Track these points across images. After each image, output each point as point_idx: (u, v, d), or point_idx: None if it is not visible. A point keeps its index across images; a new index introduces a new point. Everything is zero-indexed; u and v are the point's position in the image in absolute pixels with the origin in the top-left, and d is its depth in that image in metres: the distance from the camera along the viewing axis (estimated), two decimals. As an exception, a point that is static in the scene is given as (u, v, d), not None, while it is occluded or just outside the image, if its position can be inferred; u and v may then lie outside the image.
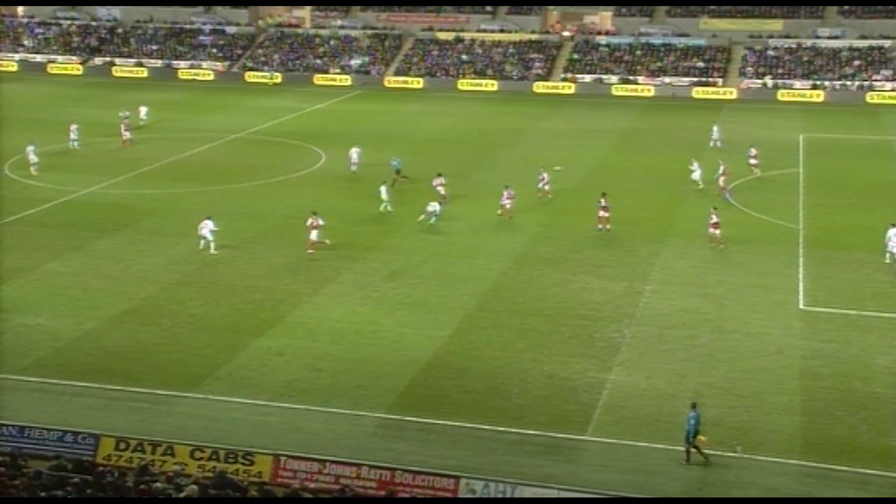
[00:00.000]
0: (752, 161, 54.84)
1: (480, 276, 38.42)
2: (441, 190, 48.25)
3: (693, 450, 24.66)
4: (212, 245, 40.55)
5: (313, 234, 40.79)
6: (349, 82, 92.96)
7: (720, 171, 50.30)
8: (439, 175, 49.21)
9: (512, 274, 38.78)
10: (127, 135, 62.34)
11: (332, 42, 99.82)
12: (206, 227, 40.66)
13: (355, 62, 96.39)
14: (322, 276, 38.24)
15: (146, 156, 59.52)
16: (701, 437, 24.63)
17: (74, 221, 45.28)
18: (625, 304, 35.45)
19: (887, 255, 39.11)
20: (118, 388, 28.59)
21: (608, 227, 43.79)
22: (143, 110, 71.05)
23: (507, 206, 46.26)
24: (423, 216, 44.92)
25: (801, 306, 35.21)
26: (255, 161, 59.31)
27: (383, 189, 47.22)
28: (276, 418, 27.16)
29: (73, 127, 61.42)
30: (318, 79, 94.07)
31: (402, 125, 70.20)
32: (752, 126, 70.52)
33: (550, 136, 68.26)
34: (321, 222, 40.99)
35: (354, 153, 55.87)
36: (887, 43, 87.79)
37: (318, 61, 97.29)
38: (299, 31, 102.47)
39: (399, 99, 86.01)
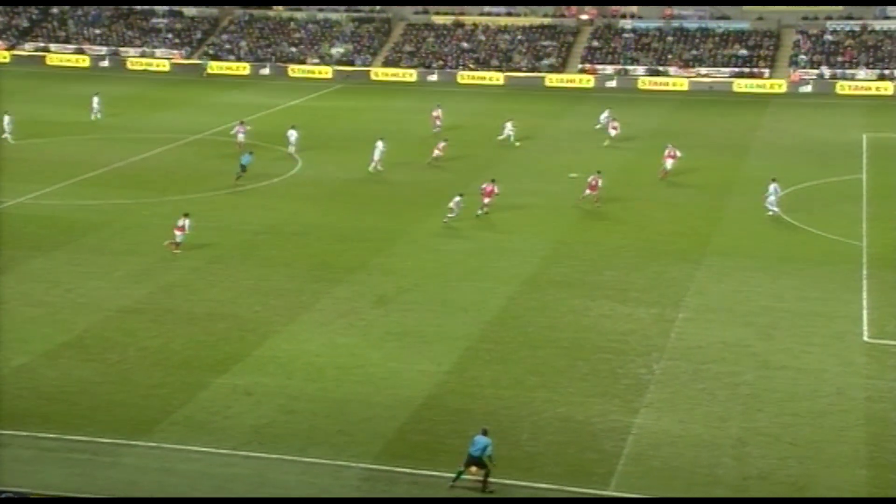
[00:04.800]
0: (668, 158, 56.23)
1: (484, 301, 38.56)
2: (492, 193, 49.05)
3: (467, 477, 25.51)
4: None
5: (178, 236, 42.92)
6: (330, 74, 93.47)
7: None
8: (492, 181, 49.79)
9: (521, 299, 38.91)
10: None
11: (309, 27, 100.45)
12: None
13: (337, 51, 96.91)
14: (298, 302, 38.36)
15: (88, 160, 59.75)
16: (472, 469, 25.51)
17: (1, 238, 45.40)
18: (653, 334, 35.57)
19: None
20: (53, 436, 28.54)
21: (597, 204, 48.73)
22: (95, 101, 71.41)
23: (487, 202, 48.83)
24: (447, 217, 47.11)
25: (866, 338, 35.32)
26: (218, 167, 59.46)
27: (457, 199, 47.71)
28: (244, 470, 27.15)
29: (7, 119, 61.76)
30: (294, 70, 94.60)
31: (391, 125, 70.53)
32: (805, 125, 71.04)
33: (566, 137, 68.65)
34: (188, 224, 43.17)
35: (378, 148, 57.54)
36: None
37: (294, 49, 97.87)
38: (270, 13, 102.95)
39: (388, 94, 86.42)
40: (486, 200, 48.74)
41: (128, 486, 25.87)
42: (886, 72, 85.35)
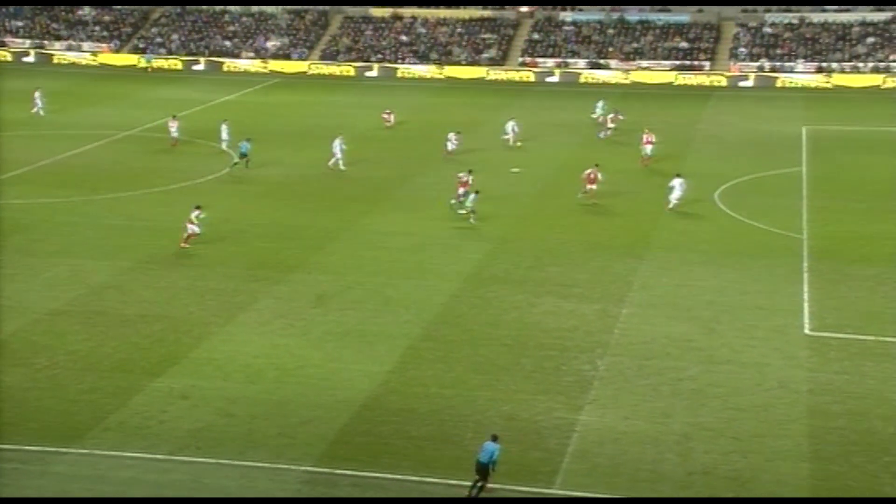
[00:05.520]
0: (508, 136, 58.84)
1: (426, 299, 38.58)
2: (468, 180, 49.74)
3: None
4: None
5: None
6: (266, 69, 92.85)
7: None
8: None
9: (463, 296, 39.00)
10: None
11: (243, 20, 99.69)
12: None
13: (272, 44, 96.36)
14: (235, 303, 38.08)
15: (12, 157, 58.73)
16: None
17: (-74, 239, 44.50)
18: (597, 330, 35.85)
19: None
20: (-20, 444, 28.12)
21: (594, 201, 49.05)
22: (37, 96, 70.34)
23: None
24: (466, 208, 47.19)
25: (807, 331, 35.90)
26: (151, 164, 58.87)
27: (472, 197, 47.56)
28: (180, 475, 26.88)
29: None
30: (228, 65, 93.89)
31: (329, 120, 70.30)
32: (745, 118, 72.01)
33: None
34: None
35: (337, 145, 57.05)
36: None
37: (228, 43, 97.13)
38: (203, 6, 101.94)
39: (326, 88, 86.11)
40: (461, 191, 48.93)
41: (57, 496, 25.47)
42: (825, 64, 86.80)
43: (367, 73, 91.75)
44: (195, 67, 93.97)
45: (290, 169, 57.81)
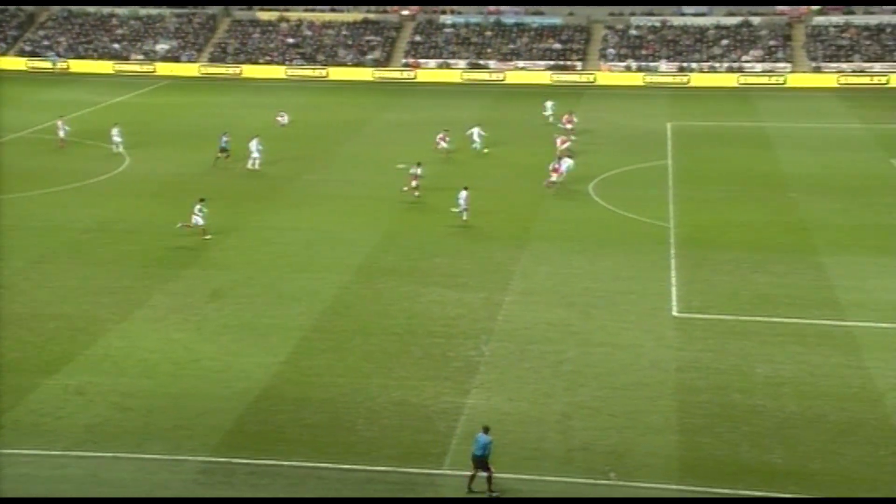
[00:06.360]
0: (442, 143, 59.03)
1: (317, 292, 38.35)
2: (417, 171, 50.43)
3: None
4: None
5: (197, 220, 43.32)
6: (155, 71, 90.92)
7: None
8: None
9: (354, 288, 38.88)
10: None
11: (132, 23, 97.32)
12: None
13: (161, 47, 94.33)
14: (130, 300, 37.23)
15: None
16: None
17: None
18: (482, 317, 36.14)
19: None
20: None
21: (416, 193, 49.38)
22: None
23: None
24: (457, 209, 46.57)
25: (675, 313, 36.80)
26: (40, 165, 57.11)
27: (464, 194, 46.59)
28: (77, 470, 26.24)
29: None
30: (117, 67, 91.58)
31: (220, 120, 69.09)
32: (614, 114, 73.24)
33: (392, 129, 68.87)
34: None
35: (253, 146, 56.14)
36: (756, 20, 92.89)
37: (117, 46, 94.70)
38: (90, 9, 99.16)
39: (215, 90, 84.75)
40: (413, 183, 49.62)
41: (-44, 495, 24.62)
42: (685, 64, 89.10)
43: (256, 75, 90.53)
44: (84, 70, 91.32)
45: (183, 168, 56.72)
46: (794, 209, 49.21)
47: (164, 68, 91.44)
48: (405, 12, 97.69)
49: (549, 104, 69.92)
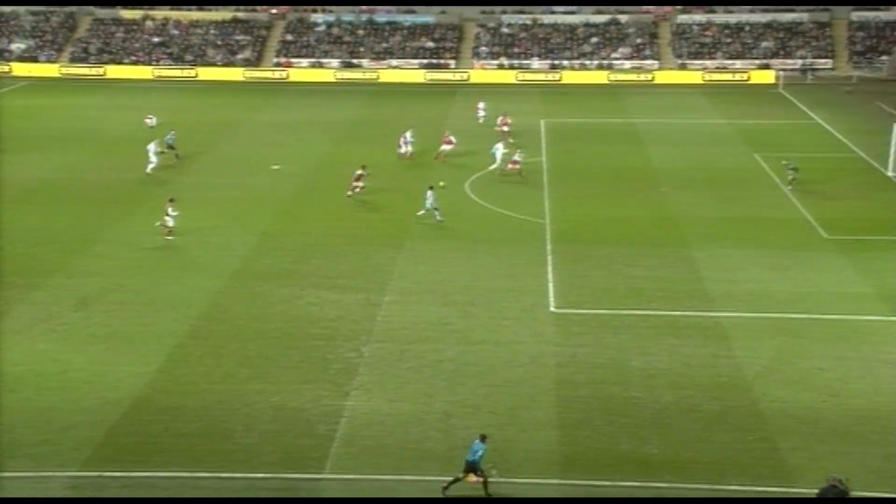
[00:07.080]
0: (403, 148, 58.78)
1: (192, 297, 37.56)
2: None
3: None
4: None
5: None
6: (11, 71, 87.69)
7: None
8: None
9: (229, 292, 38.22)
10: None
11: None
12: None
13: (17, 46, 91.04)
14: (-10, 311, 35.79)
15: None
16: (469, 477, 25.36)
17: None
18: (361, 318, 35.97)
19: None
20: None
21: (355, 191, 49.61)
22: None
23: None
24: (423, 210, 46.27)
25: (552, 309, 37.28)
26: None
27: (430, 195, 46.24)
28: (-63, 492, 25.10)
29: None
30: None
31: (83, 122, 67.20)
32: (488, 112, 73.72)
33: (266, 130, 68.01)
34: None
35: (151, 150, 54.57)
36: (624, 18, 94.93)
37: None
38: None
39: (78, 91, 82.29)
40: (357, 184, 49.58)
41: None
42: (556, 62, 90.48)
43: (121, 76, 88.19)
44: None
45: (47, 172, 54.86)
46: (666, 204, 50.48)
47: (20, 69, 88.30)
48: (274, 11, 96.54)
49: (481, 105, 70.00)
